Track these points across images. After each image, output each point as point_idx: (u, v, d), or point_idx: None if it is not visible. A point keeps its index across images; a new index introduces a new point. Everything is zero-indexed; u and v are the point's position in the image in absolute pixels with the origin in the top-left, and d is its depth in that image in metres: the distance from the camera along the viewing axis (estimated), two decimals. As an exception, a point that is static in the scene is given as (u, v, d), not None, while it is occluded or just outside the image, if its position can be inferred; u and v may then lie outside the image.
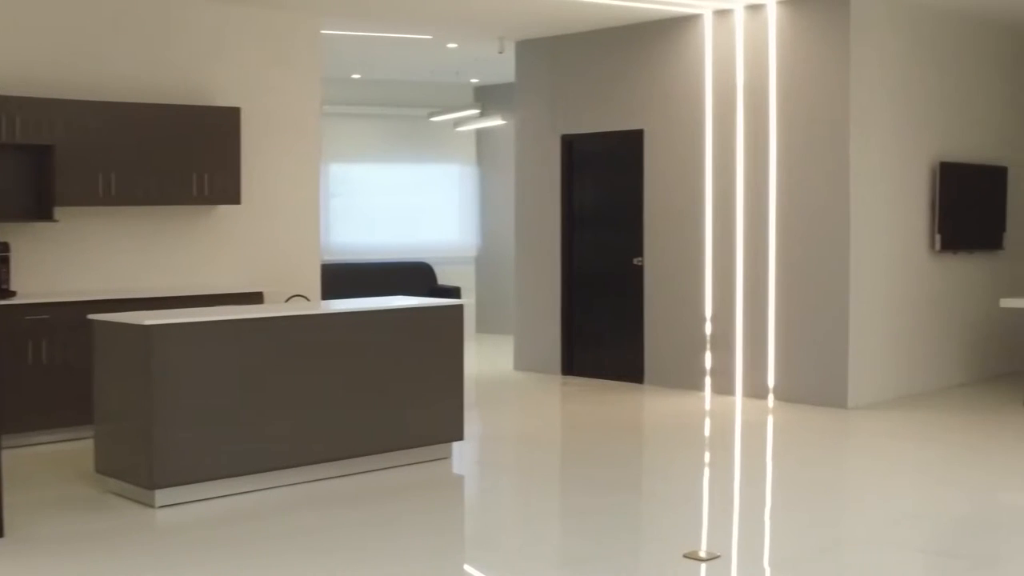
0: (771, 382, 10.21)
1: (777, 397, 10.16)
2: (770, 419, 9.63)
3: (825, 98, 9.82)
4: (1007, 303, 10.32)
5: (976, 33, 11.14)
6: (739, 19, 10.33)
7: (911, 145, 10.36)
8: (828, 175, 9.79)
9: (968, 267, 11.12)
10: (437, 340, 7.98)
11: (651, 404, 10.43)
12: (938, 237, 10.52)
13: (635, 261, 11.22)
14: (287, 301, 9.38)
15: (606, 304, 11.60)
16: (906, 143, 10.31)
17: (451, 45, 12.38)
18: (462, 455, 8.22)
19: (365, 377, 7.59)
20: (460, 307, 8.17)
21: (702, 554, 5.95)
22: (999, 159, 11.40)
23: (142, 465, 6.81)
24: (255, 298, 9.37)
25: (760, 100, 10.20)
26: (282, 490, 7.18)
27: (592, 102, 11.54)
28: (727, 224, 10.46)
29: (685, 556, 5.87)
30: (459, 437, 8.08)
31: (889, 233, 10.14)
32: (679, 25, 10.76)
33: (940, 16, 10.63)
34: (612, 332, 11.54)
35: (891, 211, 10.16)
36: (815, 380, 9.93)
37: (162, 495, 6.80)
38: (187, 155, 9.24)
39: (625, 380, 11.32)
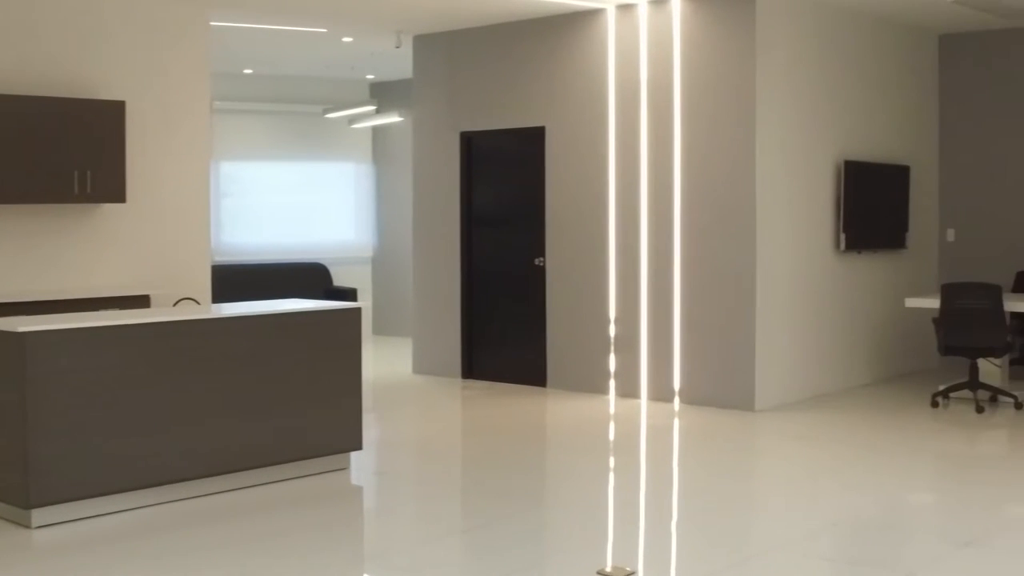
0: (677, 385, 10.01)
1: (683, 400, 9.96)
2: (676, 423, 9.42)
3: (731, 95, 9.64)
4: (912, 303, 10.24)
5: (879, 31, 11.07)
6: (643, 14, 10.11)
7: (816, 144, 10.24)
8: (734, 174, 9.62)
9: (872, 267, 11.04)
10: (334, 345, 7.62)
11: (554, 408, 10.17)
12: (843, 237, 10.41)
13: (537, 261, 10.96)
14: (175, 305, 8.94)
15: (507, 306, 11.32)
16: (811, 142, 10.19)
17: (346, 39, 12.01)
18: (360, 465, 7.87)
19: (258, 385, 7.21)
20: (358, 310, 7.82)
21: (614, 570, 5.69)
22: (902, 158, 11.35)
23: (16, 483, 6.34)
24: (141, 301, 8.93)
25: (664, 97, 9.99)
26: (170, 506, 6.78)
27: (492, 98, 11.25)
28: (631, 223, 10.24)
29: (599, 573, 5.60)
30: (357, 446, 7.73)
31: (795, 233, 10.01)
32: (581, 20, 10.51)
33: (844, 14, 10.52)
34: (513, 334, 11.27)
35: (797, 210, 10.03)
36: (721, 382, 9.76)
37: (39, 515, 6.35)
38: (68, 151, 8.76)
39: (527, 383, 11.06)
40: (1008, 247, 11.64)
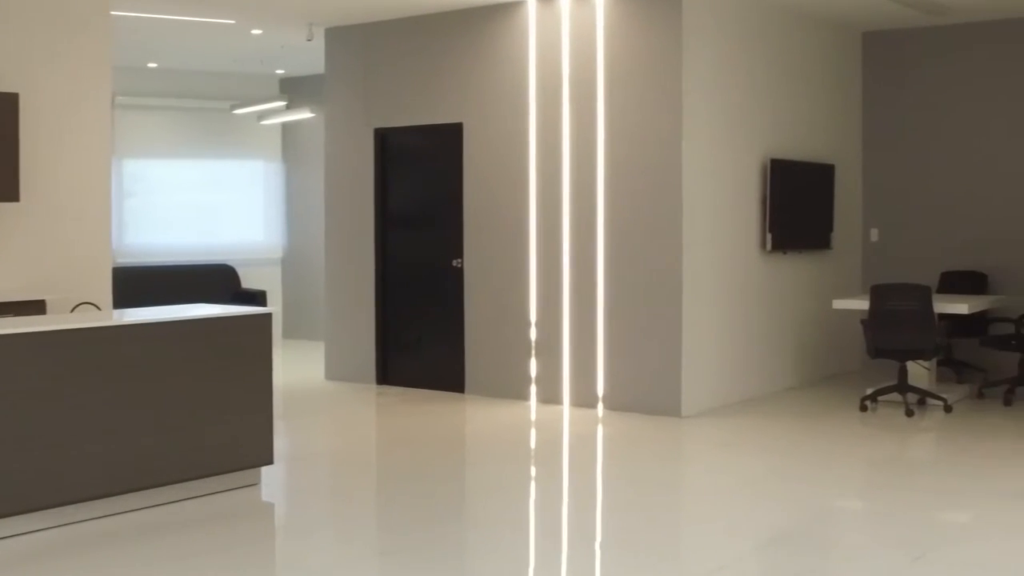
0: (600, 390, 9.69)
1: (607, 406, 9.64)
2: (600, 430, 9.11)
3: (656, 91, 9.34)
4: (840, 304, 10.03)
5: (804, 28, 10.85)
6: (565, 7, 9.77)
7: (743, 142, 9.98)
8: (659, 172, 9.31)
9: (798, 267, 10.82)
10: (242, 353, 7.16)
11: (473, 415, 9.80)
12: (769, 237, 10.17)
13: (454, 263, 10.59)
14: (73, 310, 8.41)
15: (424, 308, 10.93)
16: (738, 139, 9.92)
17: (255, 31, 11.53)
18: (272, 480, 7.43)
19: (161, 397, 6.73)
20: (268, 316, 7.37)
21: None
22: (827, 157, 11.15)
23: None
24: (36, 307, 8.37)
25: (588, 93, 9.66)
26: (65, 529, 6.28)
27: (408, 94, 10.84)
28: (552, 223, 9.90)
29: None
30: (268, 461, 7.28)
31: (722, 233, 9.74)
32: (501, 12, 10.14)
33: (769, 9, 10.28)
34: (430, 338, 10.87)
35: (723, 210, 9.76)
36: (647, 387, 9.45)
37: (-81, 541, 5.85)
38: (-45, 147, 8.21)
39: (445, 389, 10.68)
40: (932, 247, 11.50)
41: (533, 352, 10.07)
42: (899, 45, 11.67)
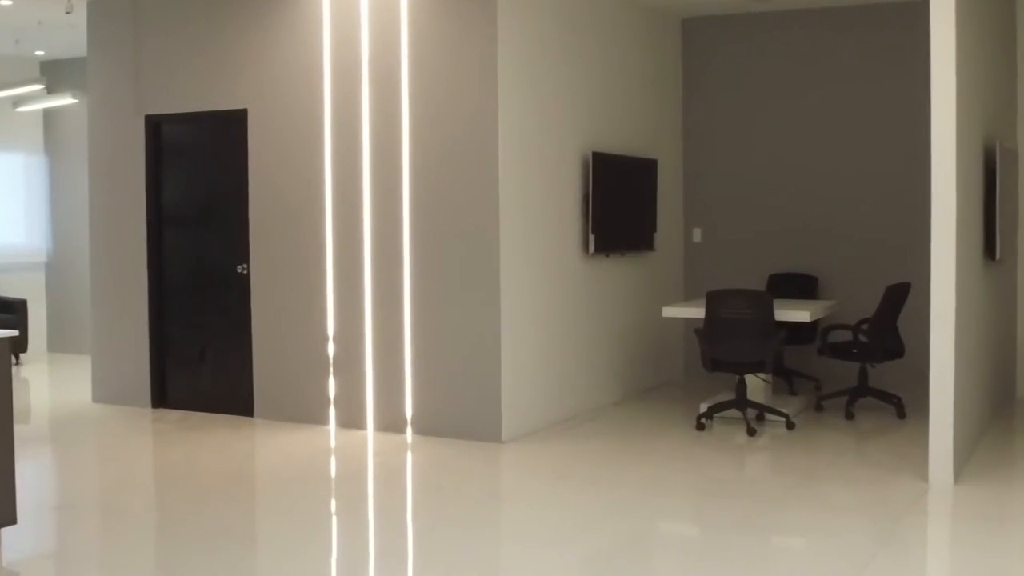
0: (409, 412, 8.57)
1: (417, 431, 8.53)
2: (409, 459, 8.00)
3: (468, 80, 8.25)
4: (670, 312, 9.16)
5: (623, 13, 9.94)
6: (363, -22, 8.64)
7: (562, 135, 8.99)
8: (472, 167, 8.25)
9: (621, 271, 9.92)
10: (-27, 386, 5.80)
11: (264, 443, 8.57)
12: (592, 238, 9.21)
13: (239, 268, 9.32)
14: None
15: (206, 320, 9.61)
16: (557, 133, 8.93)
17: (5, 2, 10.00)
18: (17, 541, 6.05)
19: None
20: (5, 341, 6.00)
21: None
22: (649, 151, 10.29)
23: None
24: None
25: (390, 79, 8.52)
26: None
27: (184, 76, 9.50)
28: (352, 223, 8.73)
29: None
30: (10, 520, 5.92)
31: (542, 234, 8.73)
32: (290, -16, 8.95)
33: (589, -14, 9.36)
34: (214, 354, 9.57)
35: (544, 209, 8.75)
36: (462, 409, 8.38)
37: None
38: None
39: (232, 412, 9.40)
40: (757, 248, 10.77)
41: (331, 369, 8.89)
42: (719, 33, 10.91)
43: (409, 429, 8.56)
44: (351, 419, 8.81)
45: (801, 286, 10.41)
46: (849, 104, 10.41)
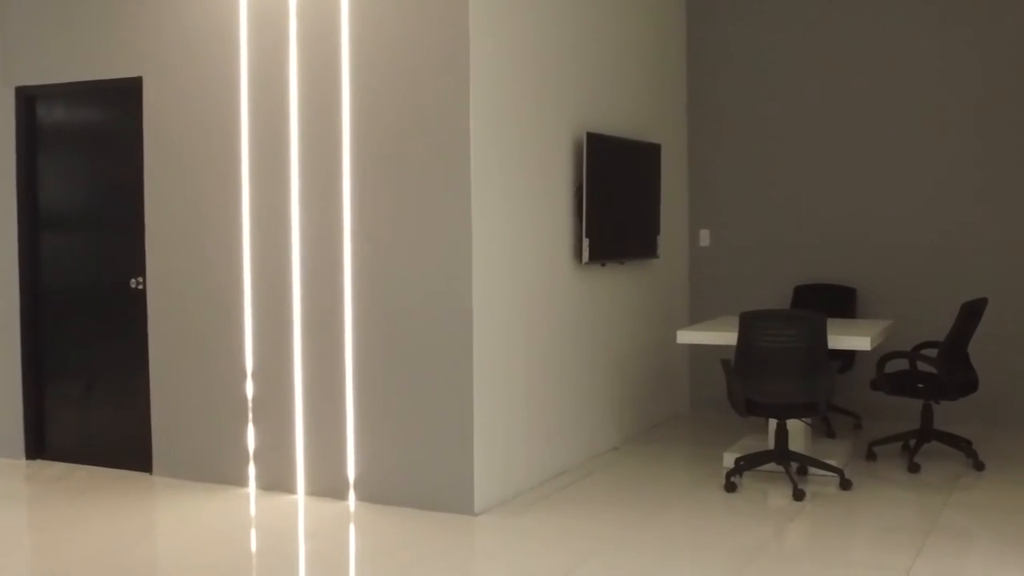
0: (352, 472, 6.54)
1: (363, 497, 6.49)
2: (352, 536, 5.98)
3: (432, 40, 6.22)
4: (686, 337, 7.18)
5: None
6: (290, -95, 6.59)
7: (549, 112, 7.00)
8: (436, 153, 6.21)
9: (619, 284, 7.96)
10: None
11: (164, 513, 6.53)
12: (586, 243, 7.22)
13: (133, 282, 7.27)
14: None
15: (92, 347, 7.55)
16: (544, 109, 6.92)
17: None
18: None
19: None
20: None
21: None
22: (650, 133, 8.34)
23: None
24: None
25: (327, 41, 6.49)
26: None
27: (62, 36, 7.40)
28: (277, 227, 6.69)
29: None
30: None
31: (526, 242, 6.73)
32: (196, -85, 6.89)
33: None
34: (102, 391, 7.51)
35: (528, 209, 6.74)
36: (422, 469, 6.34)
37: None
38: None
39: (125, 467, 7.36)
40: (778, 253, 8.86)
41: (250, 415, 6.85)
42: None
43: (352, 495, 6.52)
44: (276, 480, 6.77)
45: (835, 301, 8.50)
46: (898, 76, 8.49)
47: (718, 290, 8.99)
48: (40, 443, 7.72)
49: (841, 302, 8.48)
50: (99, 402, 7.51)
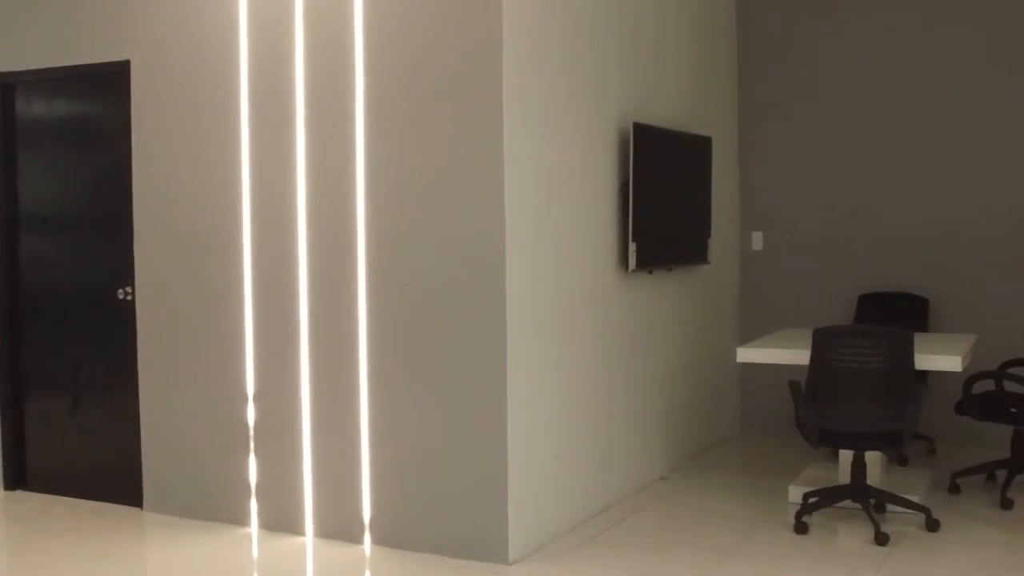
0: (367, 513, 5.71)
1: (379, 540, 5.65)
2: (368, 591, 5.18)
3: (460, 19, 5.40)
4: (748, 355, 6.31)
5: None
6: None
7: (594, 101, 6.15)
8: (464, 147, 5.38)
9: (668, 293, 7.11)
10: None
11: (154, 557, 5.72)
12: (633, 248, 6.37)
13: (121, 292, 6.46)
14: None
15: (76, 367, 6.73)
16: (586, 97, 6.08)
17: None
18: None
19: None
20: None
21: None
22: (700, 125, 7.50)
23: None
24: None
25: (339, 19, 5.67)
26: None
27: (41, 18, 6.60)
28: (281, 231, 5.85)
29: None
30: None
31: (566, 247, 5.87)
32: None
33: None
34: (87, 416, 6.69)
35: (568, 210, 5.88)
36: (447, 510, 5.50)
37: None
38: None
39: (113, 500, 6.55)
40: (840, 257, 8.00)
41: (251, 444, 6.03)
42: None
43: (367, 538, 5.68)
44: (281, 519, 5.94)
45: (905, 312, 7.63)
46: (977, 60, 7.63)
47: (772, 299, 8.15)
48: (21, 472, 6.90)
49: (912, 314, 7.61)
50: (84, 427, 6.69)
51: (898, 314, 7.57)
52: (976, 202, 7.61)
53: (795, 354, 6.04)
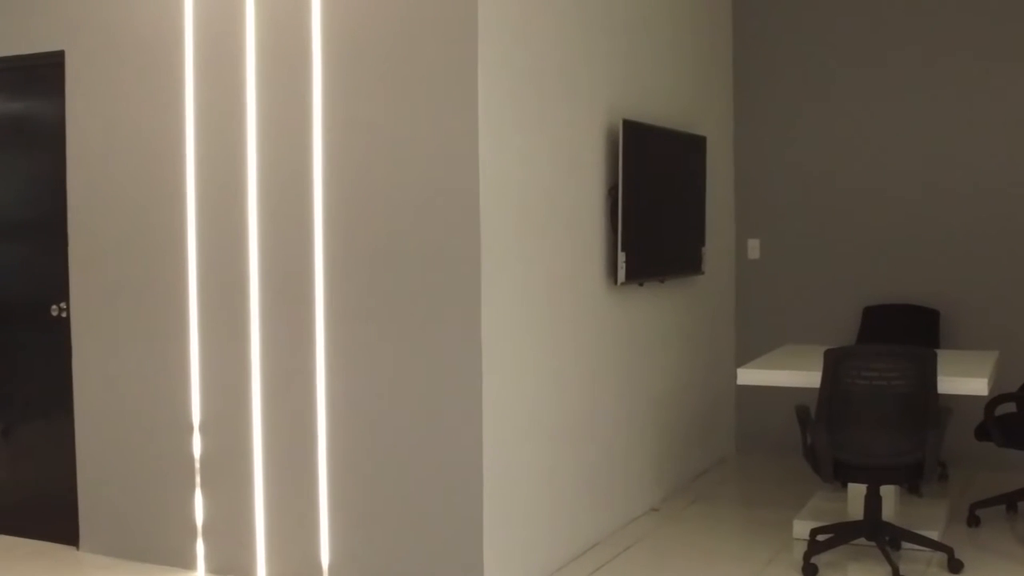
0: (326, 555, 5.10)
1: (338, 589, 5.08)
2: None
3: (428, 22, 4.83)
4: (749, 377, 5.72)
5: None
6: None
7: (580, 96, 5.57)
8: (435, 145, 4.78)
9: (660, 307, 6.53)
10: None
11: (85, 606, 5.13)
12: (622, 259, 5.78)
13: (54, 309, 5.83)
14: None
15: (5, 388, 6.10)
16: (571, 92, 5.49)
17: None
18: None
19: None
20: None
21: None
22: (693, 124, 6.92)
23: None
24: None
25: (295, 16, 5.09)
26: None
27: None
28: (231, 240, 5.24)
29: None
30: None
31: (549, 258, 5.27)
32: None
33: None
34: (17, 444, 6.06)
35: (551, 216, 5.30)
36: (417, 550, 4.88)
37: None
38: None
39: (48, 539, 5.91)
40: (843, 267, 7.45)
41: (198, 479, 5.41)
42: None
43: (326, 585, 5.10)
44: (231, 561, 5.32)
45: (914, 326, 7.07)
46: (988, 58, 7.08)
47: (770, 312, 7.58)
48: (-53, 505, 6.29)
49: (922, 328, 7.05)
50: (15, 458, 6.06)
51: (907, 328, 7.02)
52: (989, 207, 7.06)
53: (802, 376, 5.46)
